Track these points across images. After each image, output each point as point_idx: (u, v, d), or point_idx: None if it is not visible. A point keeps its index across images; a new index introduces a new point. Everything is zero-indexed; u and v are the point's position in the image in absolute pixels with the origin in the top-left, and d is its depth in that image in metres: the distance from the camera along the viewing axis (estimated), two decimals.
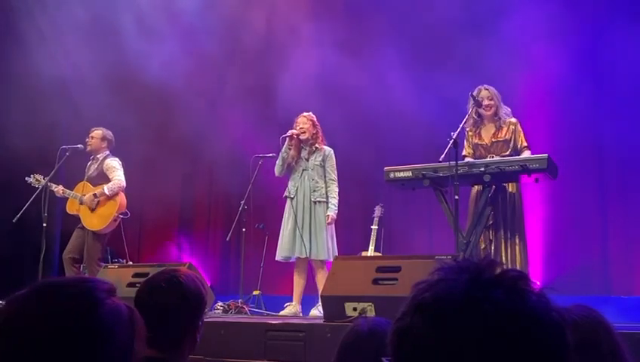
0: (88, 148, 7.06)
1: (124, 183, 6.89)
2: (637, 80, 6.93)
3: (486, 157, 5.53)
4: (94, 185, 6.93)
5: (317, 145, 6.31)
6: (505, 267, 0.89)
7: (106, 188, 6.80)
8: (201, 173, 9.40)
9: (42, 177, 7.00)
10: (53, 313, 1.15)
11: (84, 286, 1.22)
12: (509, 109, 5.70)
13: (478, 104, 5.60)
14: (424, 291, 0.87)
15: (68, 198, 6.98)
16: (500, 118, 5.62)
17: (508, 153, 5.52)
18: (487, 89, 5.67)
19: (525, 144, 5.54)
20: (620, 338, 1.69)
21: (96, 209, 6.81)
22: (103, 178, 6.91)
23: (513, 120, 5.63)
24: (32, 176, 7.04)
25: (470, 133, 5.74)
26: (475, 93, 5.63)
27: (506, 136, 5.58)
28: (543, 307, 0.86)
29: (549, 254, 7.02)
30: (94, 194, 6.80)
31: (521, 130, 5.61)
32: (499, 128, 5.62)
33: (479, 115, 5.69)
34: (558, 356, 0.85)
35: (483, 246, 5.42)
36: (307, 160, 6.30)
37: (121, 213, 6.87)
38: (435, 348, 0.83)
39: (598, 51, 7.21)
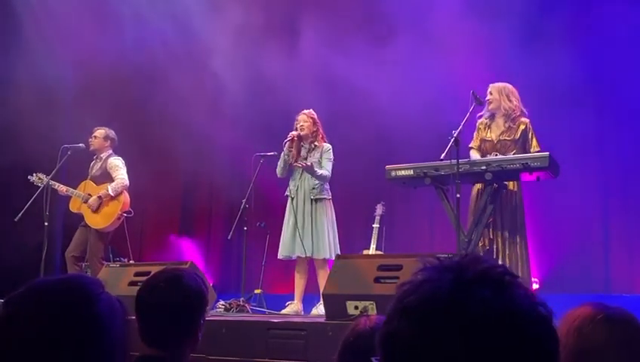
0: (91, 147, 7.08)
1: (127, 182, 6.91)
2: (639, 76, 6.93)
3: (490, 154, 5.50)
4: (98, 183, 6.95)
5: (316, 143, 6.31)
6: (489, 263, 0.87)
7: (110, 189, 6.82)
8: (203, 171, 9.40)
9: (45, 176, 7.01)
10: (50, 311, 1.16)
11: (79, 282, 1.23)
12: (518, 106, 5.56)
13: (479, 102, 5.58)
14: (409, 293, 0.86)
15: (71, 197, 7.00)
16: (510, 115, 5.54)
17: (514, 153, 5.40)
18: (491, 85, 5.66)
19: (538, 149, 5.39)
20: None
21: (100, 208, 6.83)
22: (106, 177, 6.94)
23: (525, 120, 5.53)
24: (34, 174, 7.05)
25: (480, 126, 5.69)
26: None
27: (515, 136, 5.50)
28: (529, 303, 0.85)
29: (549, 252, 7.01)
30: (99, 197, 6.82)
31: (533, 132, 5.48)
32: (509, 127, 5.54)
33: (491, 111, 5.64)
34: (548, 351, 0.84)
35: (482, 244, 5.40)
36: (306, 158, 6.29)
37: (125, 212, 6.90)
38: (422, 352, 0.82)
39: (599, 46, 7.21)
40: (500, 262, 4.52)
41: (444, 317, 0.81)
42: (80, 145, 7.11)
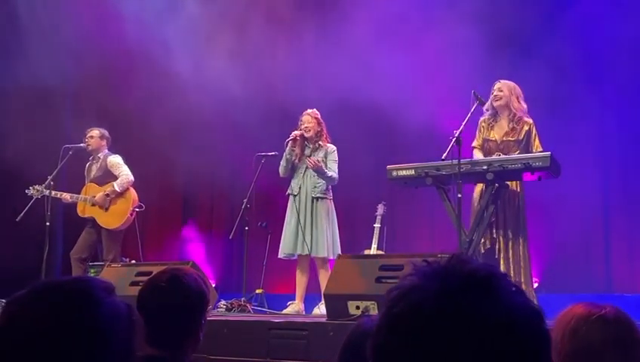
0: (89, 148, 7.07)
1: (132, 178, 6.96)
2: None
3: (493, 153, 5.49)
4: (101, 184, 6.95)
5: (320, 143, 6.32)
6: (474, 265, 0.86)
7: (116, 185, 6.85)
8: (204, 171, 9.40)
9: (42, 187, 6.97)
10: (53, 312, 1.16)
11: (83, 285, 1.22)
12: (524, 109, 5.56)
13: (481, 102, 5.57)
14: (397, 301, 0.85)
15: (77, 202, 6.99)
16: (514, 115, 5.50)
17: (517, 154, 5.38)
18: (499, 82, 5.62)
19: (540, 149, 5.36)
20: None
21: (109, 207, 6.85)
22: (109, 176, 6.95)
23: (529, 120, 5.49)
24: (31, 188, 7.00)
25: (483, 125, 5.64)
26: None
27: (519, 137, 5.47)
28: (516, 305, 0.83)
29: (550, 252, 7.01)
30: (106, 194, 6.83)
31: (536, 133, 5.46)
32: (512, 127, 5.50)
33: (495, 109, 5.61)
34: (539, 350, 0.83)
35: (483, 243, 5.40)
36: (309, 157, 6.30)
37: (136, 207, 6.94)
38: None
39: (600, 45, 7.21)
40: (501, 262, 4.47)
41: (431, 327, 0.80)
42: (81, 145, 7.11)
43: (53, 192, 6.92)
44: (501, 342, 0.80)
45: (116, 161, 6.99)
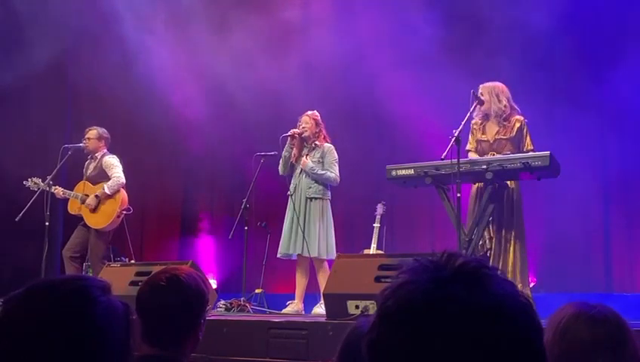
0: (86, 149, 7.05)
1: (123, 180, 6.90)
2: None
3: (488, 154, 5.50)
4: (94, 183, 6.93)
5: (317, 143, 6.31)
6: (465, 258, 0.86)
7: (107, 188, 6.80)
8: (204, 171, 9.41)
9: (40, 180, 6.98)
10: (49, 312, 1.16)
11: (79, 284, 1.23)
12: (508, 105, 5.56)
13: (480, 102, 5.58)
14: (388, 298, 0.85)
15: (69, 199, 6.98)
16: (501, 116, 5.53)
17: (511, 152, 5.39)
18: (481, 86, 5.63)
19: (531, 147, 5.37)
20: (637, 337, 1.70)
21: (98, 207, 6.82)
22: (102, 176, 6.92)
23: (520, 118, 5.50)
24: (29, 179, 7.01)
25: (475, 127, 5.67)
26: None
27: (511, 134, 5.48)
28: (505, 294, 0.84)
29: (550, 251, 7.01)
30: (96, 196, 6.80)
31: (527, 130, 5.46)
32: (503, 126, 5.52)
33: (485, 113, 5.63)
34: (530, 340, 0.83)
35: (481, 243, 5.40)
36: (306, 158, 6.30)
37: (124, 209, 6.90)
38: (404, 357, 0.81)
39: (601, 45, 7.21)
40: (498, 261, 4.45)
41: (421, 322, 0.81)
42: (80, 145, 7.10)
43: (51, 186, 6.92)
44: (491, 330, 0.80)
45: (111, 161, 6.95)
